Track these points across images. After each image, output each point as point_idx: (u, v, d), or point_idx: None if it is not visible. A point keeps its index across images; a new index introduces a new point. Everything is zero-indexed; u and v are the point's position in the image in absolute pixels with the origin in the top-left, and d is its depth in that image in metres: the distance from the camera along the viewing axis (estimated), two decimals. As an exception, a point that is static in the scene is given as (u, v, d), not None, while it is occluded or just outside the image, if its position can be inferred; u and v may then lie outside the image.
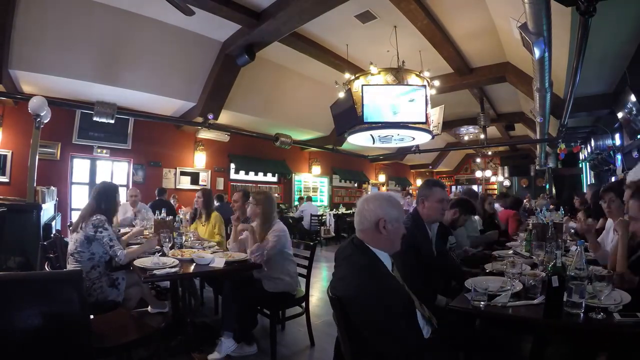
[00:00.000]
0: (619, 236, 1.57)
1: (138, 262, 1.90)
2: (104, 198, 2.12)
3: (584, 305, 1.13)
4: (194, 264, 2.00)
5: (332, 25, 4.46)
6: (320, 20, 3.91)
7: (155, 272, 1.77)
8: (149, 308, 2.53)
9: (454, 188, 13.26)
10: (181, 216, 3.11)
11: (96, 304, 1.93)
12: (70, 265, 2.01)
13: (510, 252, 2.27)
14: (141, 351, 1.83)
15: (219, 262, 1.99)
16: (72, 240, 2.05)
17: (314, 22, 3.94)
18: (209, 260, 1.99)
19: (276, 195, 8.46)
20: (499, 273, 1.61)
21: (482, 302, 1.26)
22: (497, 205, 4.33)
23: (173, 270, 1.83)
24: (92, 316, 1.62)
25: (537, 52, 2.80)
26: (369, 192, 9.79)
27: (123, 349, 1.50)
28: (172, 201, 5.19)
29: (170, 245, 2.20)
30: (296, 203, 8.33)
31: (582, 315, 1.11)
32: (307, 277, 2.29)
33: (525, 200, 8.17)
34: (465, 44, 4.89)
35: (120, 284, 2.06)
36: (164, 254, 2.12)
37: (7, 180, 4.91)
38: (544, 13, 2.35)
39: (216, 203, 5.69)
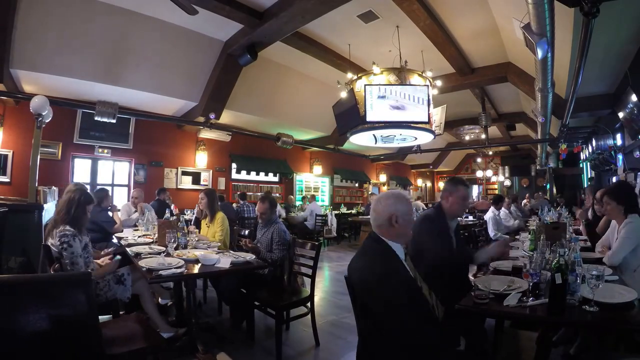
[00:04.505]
0: None
1: (143, 263, 1.90)
2: (75, 206, 1.91)
3: (577, 298, 1.23)
4: (200, 264, 2.00)
5: (335, 25, 4.46)
6: (323, 20, 3.91)
7: (161, 272, 1.77)
8: (159, 299, 2.53)
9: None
10: (187, 216, 3.10)
11: (106, 303, 1.92)
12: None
13: (515, 251, 2.28)
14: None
15: (224, 262, 1.99)
16: (52, 247, 1.89)
17: (316, 21, 3.94)
18: (214, 260, 1.99)
19: (277, 195, 8.46)
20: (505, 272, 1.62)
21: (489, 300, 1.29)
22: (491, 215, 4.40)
23: (179, 270, 1.83)
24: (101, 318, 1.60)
25: (540, 53, 2.80)
26: (380, 192, 10.13)
27: (132, 356, 1.47)
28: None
29: (174, 245, 2.20)
30: (299, 203, 8.32)
31: (576, 308, 1.20)
32: (312, 277, 2.29)
33: (525, 200, 8.18)
34: (467, 44, 4.89)
35: (127, 279, 2.06)
36: (168, 255, 2.12)
37: (8, 180, 4.90)
38: (548, 14, 2.35)
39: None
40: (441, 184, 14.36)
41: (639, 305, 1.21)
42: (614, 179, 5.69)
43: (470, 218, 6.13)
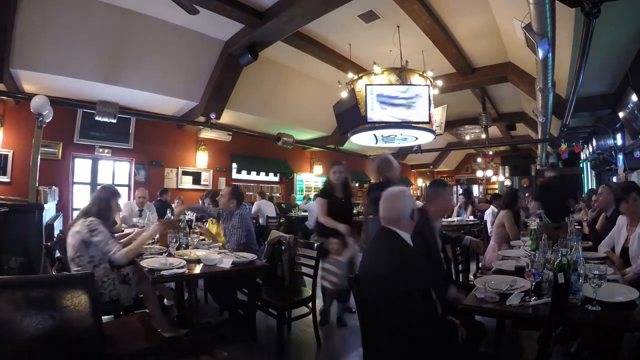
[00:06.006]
0: None
1: (145, 263, 1.90)
2: (98, 202, 2.09)
3: (580, 298, 1.23)
4: (201, 264, 2.00)
5: (336, 25, 4.46)
6: (324, 19, 3.91)
7: (163, 272, 1.77)
8: (165, 301, 2.54)
9: (455, 188, 13.31)
10: (188, 216, 3.10)
11: (110, 303, 1.92)
12: (73, 270, 1.97)
13: (516, 251, 2.29)
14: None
15: (226, 262, 1.99)
16: (70, 246, 1.99)
17: (317, 21, 3.94)
18: (216, 260, 1.99)
19: (277, 195, 8.46)
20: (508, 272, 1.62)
21: (495, 300, 1.29)
22: (489, 212, 4.39)
23: (181, 271, 1.83)
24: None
25: (540, 53, 2.81)
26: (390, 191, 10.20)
27: (134, 357, 1.47)
28: (177, 202, 5.17)
29: (176, 245, 2.20)
30: (300, 202, 8.32)
31: (578, 307, 1.20)
32: (314, 277, 2.29)
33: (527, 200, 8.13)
34: (467, 44, 4.89)
35: (132, 279, 2.06)
36: (170, 255, 2.12)
37: (8, 180, 4.89)
38: (549, 14, 2.35)
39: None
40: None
41: None
42: (614, 179, 5.69)
43: (472, 218, 6.13)
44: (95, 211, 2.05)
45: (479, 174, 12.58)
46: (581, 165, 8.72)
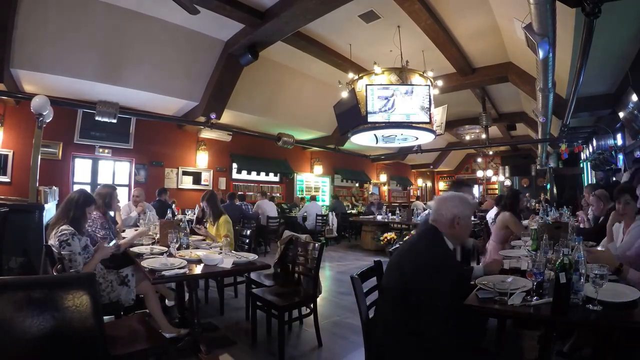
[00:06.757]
0: None
1: (146, 264, 1.89)
2: (73, 207, 1.95)
3: (581, 297, 1.23)
4: (202, 264, 2.00)
5: (336, 25, 4.46)
6: (324, 19, 3.91)
7: (163, 273, 1.77)
8: (166, 301, 2.53)
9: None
10: (189, 216, 3.10)
11: (110, 305, 1.91)
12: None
13: (517, 251, 2.29)
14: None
15: (227, 262, 1.99)
16: (53, 248, 1.91)
17: (317, 21, 3.94)
18: (217, 260, 1.99)
19: (278, 195, 8.46)
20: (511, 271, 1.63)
21: (497, 299, 1.29)
22: (491, 213, 4.37)
23: (182, 271, 1.83)
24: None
25: (541, 53, 2.81)
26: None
27: (135, 357, 1.46)
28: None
29: (177, 246, 2.20)
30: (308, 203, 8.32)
31: (579, 307, 1.21)
32: (315, 277, 2.29)
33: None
34: (468, 44, 4.90)
35: (130, 280, 2.05)
36: (171, 255, 2.11)
37: (8, 180, 4.90)
38: (549, 14, 2.35)
39: (227, 201, 5.69)
40: (442, 184, 14.38)
41: None
42: (614, 180, 5.69)
43: (472, 218, 6.12)
44: (69, 219, 1.91)
45: (479, 174, 12.59)
46: (581, 165, 8.71)
